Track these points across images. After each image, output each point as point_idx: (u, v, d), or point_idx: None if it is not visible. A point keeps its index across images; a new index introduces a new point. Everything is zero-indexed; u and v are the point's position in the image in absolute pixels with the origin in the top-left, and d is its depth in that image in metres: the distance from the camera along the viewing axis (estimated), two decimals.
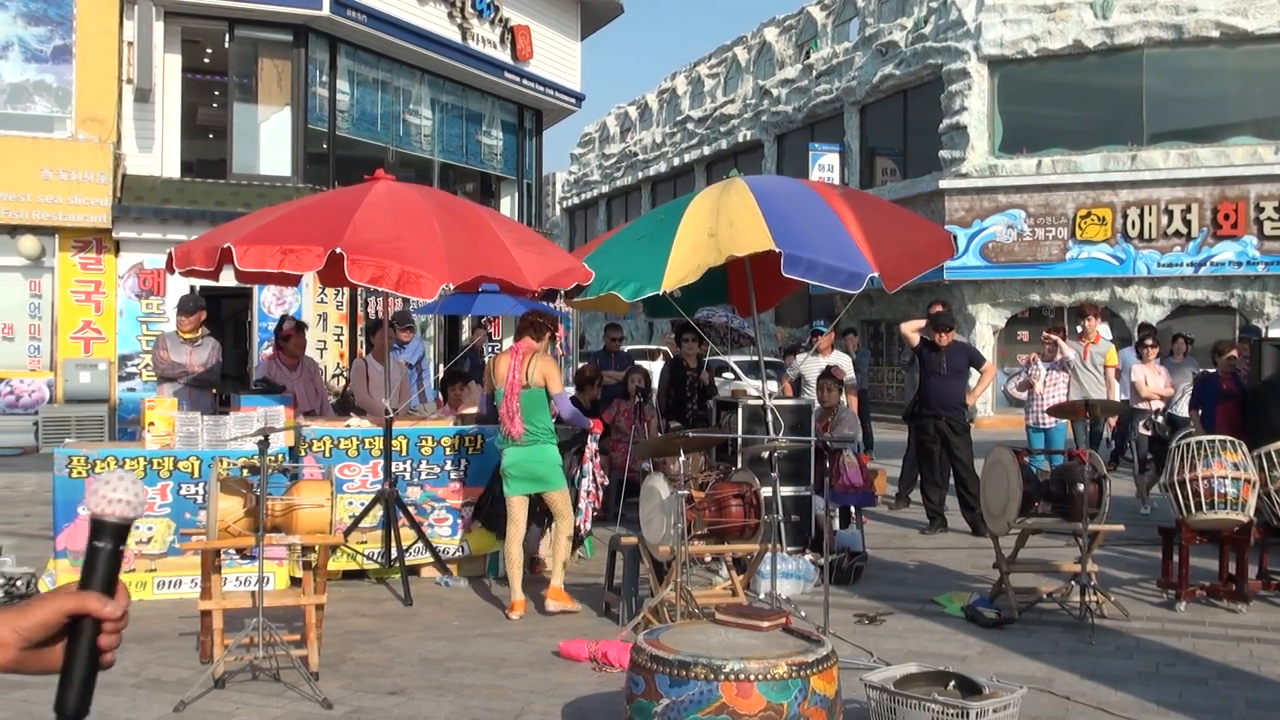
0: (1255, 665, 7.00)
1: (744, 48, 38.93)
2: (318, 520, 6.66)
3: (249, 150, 19.99)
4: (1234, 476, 8.08)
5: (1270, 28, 25.16)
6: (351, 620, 7.86)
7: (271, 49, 19.97)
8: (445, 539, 9.34)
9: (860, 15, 32.40)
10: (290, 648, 6.30)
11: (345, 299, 19.10)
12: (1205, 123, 25.92)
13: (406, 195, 8.97)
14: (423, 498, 9.29)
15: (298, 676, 6.21)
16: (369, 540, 9.05)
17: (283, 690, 6.18)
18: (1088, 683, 6.45)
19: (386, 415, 9.00)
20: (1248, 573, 8.51)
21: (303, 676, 6.17)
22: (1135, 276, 25.29)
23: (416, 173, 22.54)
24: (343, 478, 8.92)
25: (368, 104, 21.73)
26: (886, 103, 30.85)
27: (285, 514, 6.61)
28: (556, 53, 25.80)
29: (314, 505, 6.68)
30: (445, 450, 9.37)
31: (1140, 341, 14.23)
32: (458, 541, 9.39)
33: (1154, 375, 13.48)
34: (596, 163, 51.16)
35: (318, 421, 9.49)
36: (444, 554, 9.25)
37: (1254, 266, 24.36)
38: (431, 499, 9.35)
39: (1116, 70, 26.23)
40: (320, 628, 6.70)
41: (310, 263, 7.99)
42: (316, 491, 6.77)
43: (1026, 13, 26.78)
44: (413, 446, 9.29)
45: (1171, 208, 24.97)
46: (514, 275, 8.52)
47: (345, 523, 8.67)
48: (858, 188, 28.52)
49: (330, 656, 6.79)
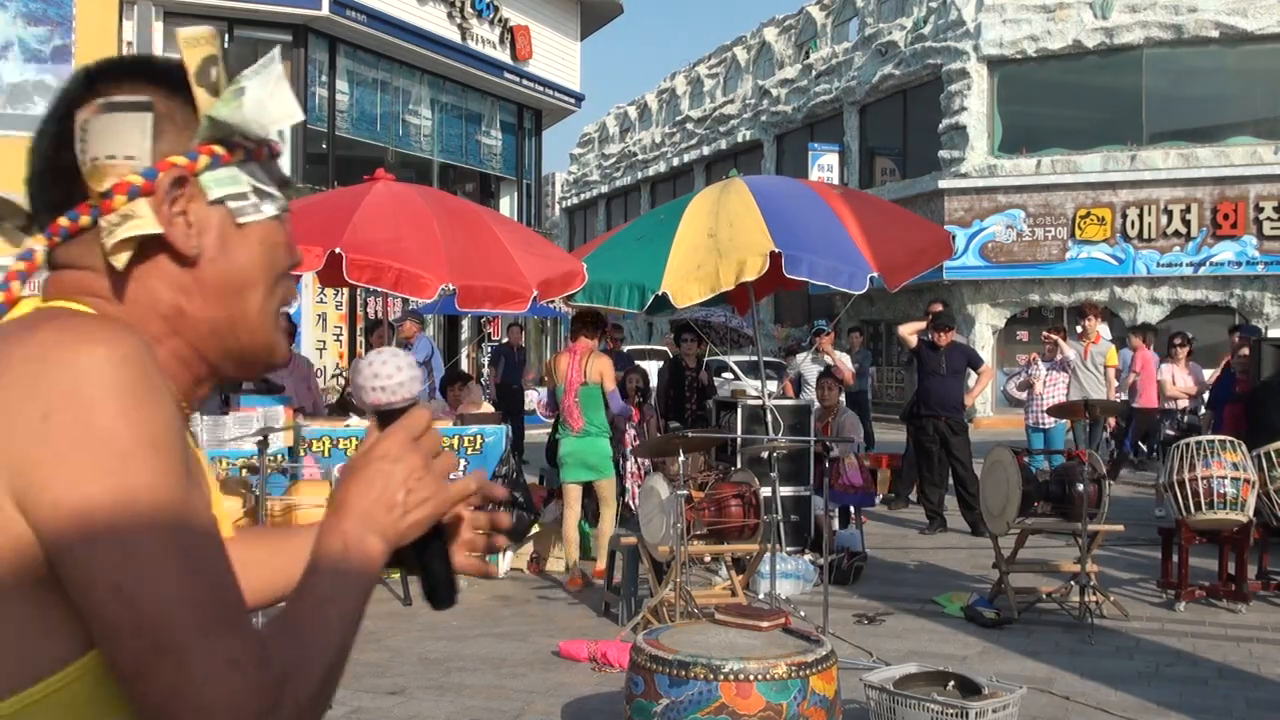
0: (1255, 665, 7.01)
1: (743, 48, 38.93)
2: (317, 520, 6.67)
3: None
4: (1233, 476, 8.08)
5: (1270, 27, 25.14)
6: None
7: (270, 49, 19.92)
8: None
9: (860, 15, 32.40)
10: None
11: (345, 299, 19.11)
12: (1205, 123, 25.91)
13: (406, 195, 8.98)
14: None
15: None
16: None
17: None
18: (1087, 683, 6.46)
19: None
20: (1247, 573, 8.52)
21: None
22: (1135, 276, 25.29)
23: (416, 173, 22.54)
24: None
25: (367, 104, 21.73)
26: (886, 103, 30.85)
27: (285, 514, 6.62)
28: (556, 53, 25.80)
29: (313, 505, 6.70)
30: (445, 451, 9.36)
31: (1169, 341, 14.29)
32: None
33: (1182, 375, 13.52)
34: (596, 163, 51.18)
35: (317, 422, 9.49)
36: None
37: (1253, 266, 24.35)
38: None
39: (1116, 70, 26.23)
40: None
41: (310, 263, 8.00)
42: (316, 491, 6.79)
43: (1026, 13, 26.78)
44: None
45: (1171, 208, 24.97)
46: (513, 276, 8.53)
47: None
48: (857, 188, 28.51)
49: None
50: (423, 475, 1.25)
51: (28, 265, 1.21)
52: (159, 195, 1.18)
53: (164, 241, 1.19)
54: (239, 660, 1.02)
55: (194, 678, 1.00)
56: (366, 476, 1.23)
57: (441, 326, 23.38)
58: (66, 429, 1.01)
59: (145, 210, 1.17)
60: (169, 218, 1.18)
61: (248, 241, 1.24)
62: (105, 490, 1.01)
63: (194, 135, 1.21)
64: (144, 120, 1.17)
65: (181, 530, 1.04)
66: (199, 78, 1.20)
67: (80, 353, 1.03)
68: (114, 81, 1.21)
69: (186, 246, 1.20)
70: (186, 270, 1.21)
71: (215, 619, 1.03)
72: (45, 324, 1.09)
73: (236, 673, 1.02)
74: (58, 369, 1.03)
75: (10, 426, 1.01)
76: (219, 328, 1.24)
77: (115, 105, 1.17)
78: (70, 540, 1.00)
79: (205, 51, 1.20)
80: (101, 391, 1.02)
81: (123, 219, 1.16)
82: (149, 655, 1.00)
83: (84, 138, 1.16)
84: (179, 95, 1.21)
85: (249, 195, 1.24)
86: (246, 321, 1.26)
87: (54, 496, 1.01)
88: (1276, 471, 8.46)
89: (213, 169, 1.21)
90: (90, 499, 1.00)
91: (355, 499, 1.23)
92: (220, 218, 1.22)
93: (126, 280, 1.20)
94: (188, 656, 1.00)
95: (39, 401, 1.02)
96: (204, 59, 1.20)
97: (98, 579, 1.01)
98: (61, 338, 1.05)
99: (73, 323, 1.09)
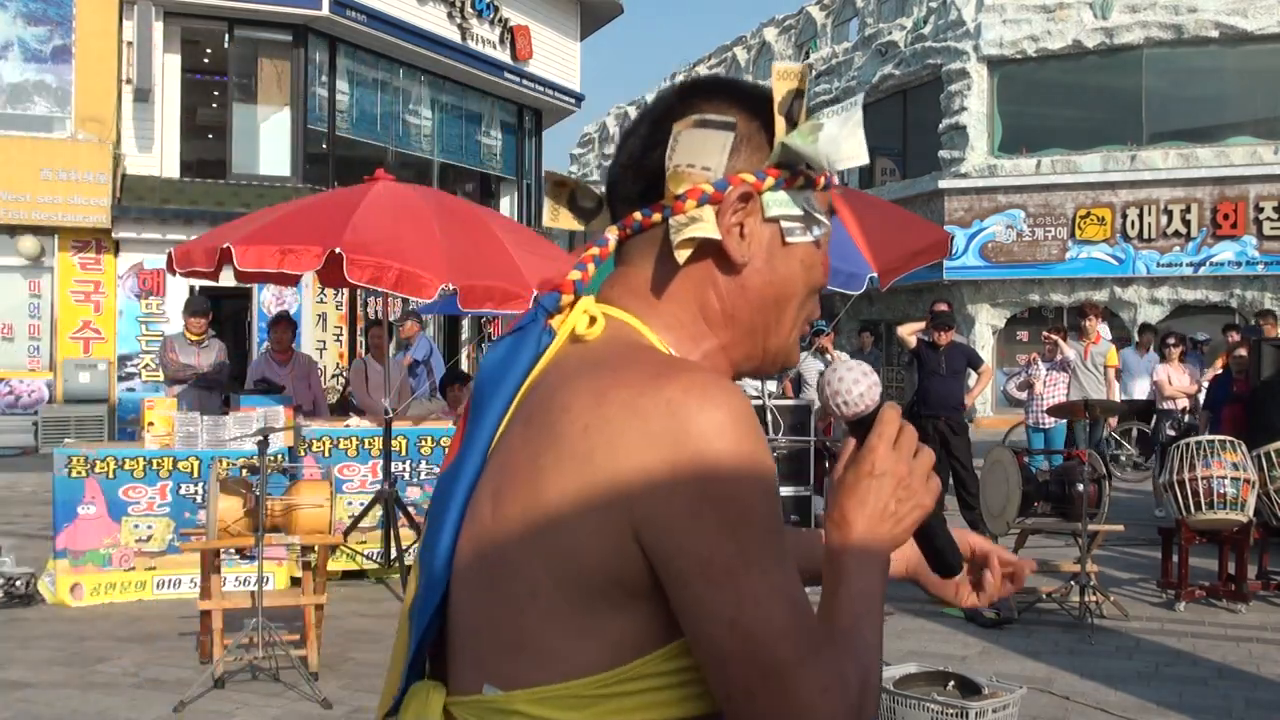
0: (1255, 665, 7.01)
1: (743, 48, 38.94)
2: (317, 520, 6.67)
3: (248, 150, 19.99)
4: (1233, 476, 8.08)
5: (1270, 28, 25.13)
6: (351, 620, 7.87)
7: (271, 49, 19.96)
8: None
9: (860, 15, 32.41)
10: (290, 648, 6.31)
11: (345, 299, 19.10)
12: (1205, 123, 25.90)
13: (406, 195, 8.97)
14: (422, 498, 9.29)
15: (297, 676, 6.21)
16: (368, 540, 9.05)
17: (282, 690, 6.18)
18: (1087, 683, 6.46)
19: (386, 415, 9.00)
20: (1247, 573, 8.53)
21: (302, 676, 6.17)
22: (1135, 276, 25.28)
23: (416, 173, 22.51)
24: (342, 478, 8.92)
25: (367, 104, 21.72)
26: (886, 103, 30.84)
27: (285, 514, 6.62)
28: (556, 53, 25.79)
29: (313, 505, 6.68)
30: (445, 450, 9.36)
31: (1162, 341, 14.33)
32: None
33: (1177, 374, 13.53)
34: (596, 163, 51.19)
35: (317, 422, 9.49)
36: None
37: (1253, 266, 24.34)
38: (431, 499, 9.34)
39: (1116, 70, 26.23)
40: (320, 628, 6.70)
41: (309, 263, 8.00)
42: (316, 491, 6.78)
43: (1026, 13, 26.78)
44: (412, 447, 9.29)
45: (1171, 208, 24.96)
46: (513, 276, 8.52)
47: (345, 523, 8.67)
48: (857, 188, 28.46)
49: (330, 656, 6.79)
50: (909, 483, 1.35)
51: (602, 251, 1.39)
52: (725, 206, 1.33)
53: (718, 248, 1.34)
54: (829, 686, 1.18)
55: (794, 701, 1.16)
56: (859, 494, 1.34)
57: (442, 326, 23.38)
58: (695, 486, 1.15)
59: (709, 216, 1.32)
60: (728, 227, 1.33)
61: (790, 259, 1.38)
62: (726, 542, 1.15)
63: (765, 158, 1.36)
64: (726, 138, 1.33)
65: (783, 570, 1.19)
66: (782, 107, 1.34)
67: (705, 413, 1.16)
68: (705, 97, 1.38)
69: (738, 255, 1.34)
70: (732, 277, 1.36)
71: (810, 648, 1.18)
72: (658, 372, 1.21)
73: (829, 696, 1.18)
74: (685, 426, 1.16)
75: (635, 468, 1.16)
76: (754, 332, 1.39)
77: (706, 122, 1.33)
78: (692, 581, 1.16)
79: (793, 85, 1.34)
80: (726, 454, 1.16)
81: (690, 221, 1.32)
82: (756, 680, 1.16)
83: (674, 145, 1.33)
84: (758, 119, 1.36)
85: (800, 219, 1.38)
86: (779, 329, 1.41)
87: (680, 544, 1.16)
88: (1276, 471, 8.47)
89: (774, 190, 1.36)
90: (714, 550, 1.15)
91: (854, 516, 1.34)
92: (771, 234, 1.37)
93: (676, 279, 1.36)
94: (790, 683, 1.16)
95: (667, 453, 1.16)
96: (789, 91, 1.34)
97: (715, 614, 1.16)
98: (685, 398, 1.17)
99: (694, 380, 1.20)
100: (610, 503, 1.17)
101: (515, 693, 1.22)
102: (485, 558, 1.25)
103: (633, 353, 1.29)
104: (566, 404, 1.22)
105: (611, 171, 1.43)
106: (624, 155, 1.41)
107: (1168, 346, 14.00)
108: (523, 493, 1.22)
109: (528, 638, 1.22)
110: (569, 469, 1.19)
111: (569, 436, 1.19)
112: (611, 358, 1.27)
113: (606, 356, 1.27)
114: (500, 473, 1.27)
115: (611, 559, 1.18)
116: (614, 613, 1.20)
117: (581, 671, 1.20)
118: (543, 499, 1.20)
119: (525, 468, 1.23)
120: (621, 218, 1.40)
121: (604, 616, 1.20)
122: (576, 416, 1.20)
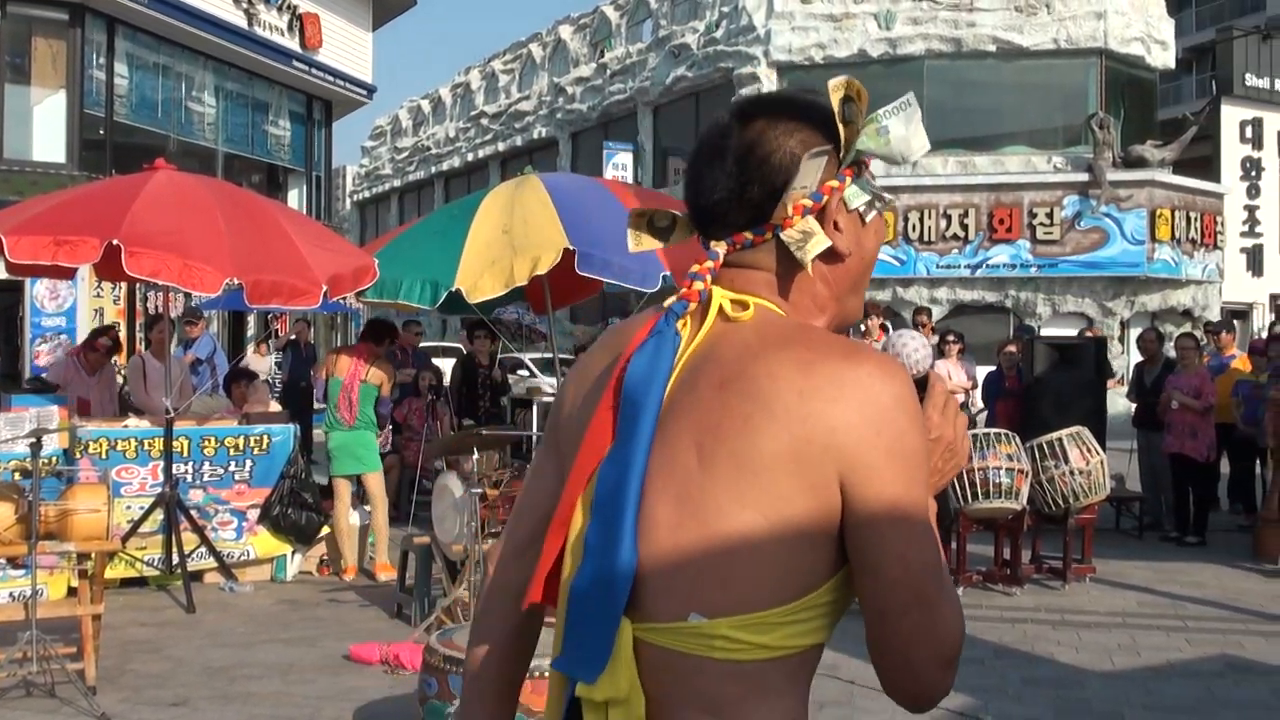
0: (1029, 645, 7.38)
1: (539, 45, 38.92)
2: (94, 526, 6.37)
3: (21, 134, 18.97)
4: (1008, 467, 8.48)
5: (1044, 44, 26.48)
6: (131, 630, 7.55)
7: (45, 28, 19.00)
8: (229, 543, 9.06)
9: (654, 17, 32.77)
10: (66, 661, 6.02)
11: (123, 293, 18.31)
12: (982, 132, 27.11)
13: (188, 186, 8.67)
14: (205, 500, 9.00)
15: (74, 691, 5.93)
16: (149, 546, 8.71)
17: (58, 706, 5.88)
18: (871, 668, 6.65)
19: (167, 415, 8.69)
20: (1021, 558, 9.00)
21: (79, 691, 5.90)
22: (916, 277, 26.24)
23: (199, 162, 21.71)
24: (120, 480, 8.55)
25: (148, 89, 20.88)
26: (679, 104, 31.29)
27: (59, 520, 6.31)
28: (347, 42, 25.28)
29: (90, 510, 6.39)
30: (229, 451, 9.09)
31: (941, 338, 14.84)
32: (243, 545, 9.12)
33: (955, 370, 14.07)
34: (388, 156, 50.36)
35: (94, 422, 9.08)
36: (228, 558, 8.97)
37: (1027, 269, 25.57)
38: (215, 501, 9.06)
39: (899, 79, 27.12)
40: (98, 639, 6.39)
41: (86, 255, 7.66)
42: (92, 495, 6.49)
43: (814, 20, 27.52)
44: (195, 447, 8.99)
45: (950, 212, 26.01)
46: (302, 271, 8.33)
47: (123, 528, 8.32)
48: (651, 187, 28.84)
49: (109, 668, 6.49)
50: (955, 446, 1.65)
51: (715, 264, 1.59)
52: (829, 215, 1.59)
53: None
54: (959, 610, 1.52)
55: (937, 620, 1.48)
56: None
57: (226, 322, 22.67)
58: (891, 443, 1.44)
59: (816, 226, 1.57)
60: (831, 230, 1.59)
61: (870, 235, 1.65)
62: (908, 490, 1.45)
63: (839, 161, 1.59)
64: (821, 162, 1.57)
65: (930, 518, 1.50)
66: (841, 114, 1.57)
67: (893, 385, 1.45)
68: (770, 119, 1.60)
69: (845, 249, 1.61)
70: (836, 265, 1.62)
71: (947, 580, 1.51)
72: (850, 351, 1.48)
73: (959, 618, 1.51)
74: (880, 396, 1.44)
75: (845, 426, 1.43)
76: (843, 299, 1.66)
77: (817, 154, 1.56)
78: (880, 522, 1.44)
79: (841, 94, 1.56)
80: (908, 418, 1.46)
81: (804, 235, 1.56)
82: (912, 602, 1.46)
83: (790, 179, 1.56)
84: (821, 129, 1.59)
85: (871, 201, 1.62)
86: (860, 296, 1.69)
87: (876, 491, 1.43)
88: (1049, 462, 8.94)
89: (849, 186, 1.60)
90: (900, 496, 1.44)
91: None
92: (853, 219, 1.62)
93: (798, 276, 1.60)
94: (935, 605, 1.47)
95: (870, 414, 1.44)
96: (840, 99, 1.56)
97: (892, 549, 1.45)
98: (878, 373, 1.46)
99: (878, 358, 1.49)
100: (824, 454, 1.43)
101: (719, 620, 1.45)
102: (692, 502, 1.46)
103: (807, 332, 1.55)
104: (773, 372, 1.46)
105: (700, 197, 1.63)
106: (720, 191, 1.60)
107: (946, 344, 14.56)
108: (736, 444, 1.45)
109: (738, 573, 1.45)
110: (783, 426, 1.43)
111: (782, 399, 1.44)
112: (794, 335, 1.52)
113: (788, 334, 1.53)
114: (698, 429, 1.48)
115: (819, 503, 1.44)
116: (811, 551, 1.46)
117: (778, 601, 1.46)
118: (757, 450, 1.44)
119: (733, 423, 1.46)
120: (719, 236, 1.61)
121: (802, 554, 1.46)
122: (788, 384, 1.45)
